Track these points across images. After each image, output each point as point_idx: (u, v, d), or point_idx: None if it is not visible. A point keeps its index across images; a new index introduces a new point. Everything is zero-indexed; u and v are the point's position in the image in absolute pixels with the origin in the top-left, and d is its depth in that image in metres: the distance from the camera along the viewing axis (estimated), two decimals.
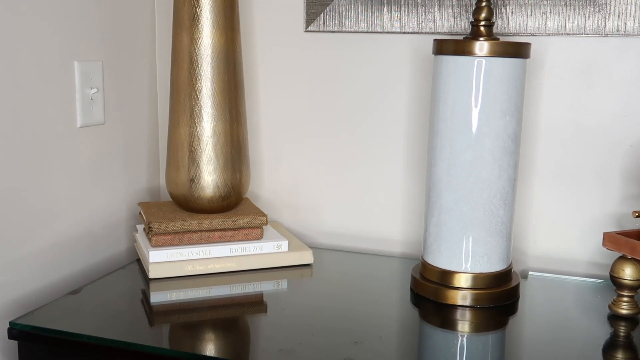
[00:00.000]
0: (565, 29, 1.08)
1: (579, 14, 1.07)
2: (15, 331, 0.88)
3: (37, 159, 1.02)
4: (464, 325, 0.95)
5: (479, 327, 0.95)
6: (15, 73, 0.97)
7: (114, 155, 1.20)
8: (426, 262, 1.02)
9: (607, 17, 1.06)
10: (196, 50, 1.08)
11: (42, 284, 1.05)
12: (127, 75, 1.22)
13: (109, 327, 0.89)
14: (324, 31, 1.21)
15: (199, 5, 1.07)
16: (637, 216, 0.94)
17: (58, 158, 1.06)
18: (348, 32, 1.20)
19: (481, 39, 0.94)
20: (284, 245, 1.13)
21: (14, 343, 0.91)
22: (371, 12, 1.18)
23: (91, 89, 1.11)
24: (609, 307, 0.96)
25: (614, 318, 0.95)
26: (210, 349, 0.86)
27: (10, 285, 0.99)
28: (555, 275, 1.12)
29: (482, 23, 0.96)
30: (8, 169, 0.97)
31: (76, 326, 0.88)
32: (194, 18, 1.07)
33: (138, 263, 1.14)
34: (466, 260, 0.98)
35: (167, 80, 1.22)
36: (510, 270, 1.02)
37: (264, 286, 1.09)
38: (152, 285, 1.04)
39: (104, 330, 0.87)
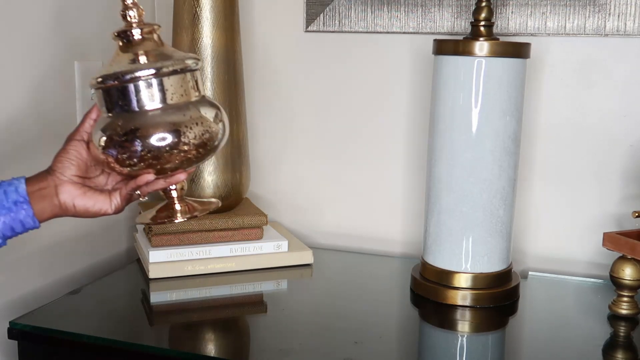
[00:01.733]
0: (565, 29, 1.08)
1: (579, 14, 1.07)
2: (15, 331, 0.88)
3: (37, 159, 1.02)
4: (464, 325, 0.95)
5: (479, 327, 0.95)
6: (15, 73, 0.97)
7: None
8: (426, 262, 1.02)
9: (607, 17, 1.06)
10: (196, 50, 1.08)
11: (42, 284, 1.05)
12: None
13: (109, 327, 0.89)
14: (324, 31, 1.21)
15: (199, 5, 1.07)
16: (637, 216, 0.94)
17: None
18: (348, 32, 1.20)
19: (481, 39, 0.94)
20: (283, 245, 1.13)
21: (14, 343, 0.91)
22: (371, 12, 1.17)
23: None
24: (609, 307, 0.96)
25: (614, 318, 0.95)
26: (210, 349, 0.86)
27: (10, 285, 0.98)
28: (555, 275, 1.12)
29: (482, 23, 0.96)
30: (8, 169, 0.97)
31: (76, 326, 0.88)
32: (194, 18, 1.07)
33: (138, 263, 1.14)
34: (466, 260, 0.98)
35: None
36: (510, 270, 1.02)
37: (264, 286, 1.09)
38: (152, 285, 1.04)
39: (104, 330, 0.87)
